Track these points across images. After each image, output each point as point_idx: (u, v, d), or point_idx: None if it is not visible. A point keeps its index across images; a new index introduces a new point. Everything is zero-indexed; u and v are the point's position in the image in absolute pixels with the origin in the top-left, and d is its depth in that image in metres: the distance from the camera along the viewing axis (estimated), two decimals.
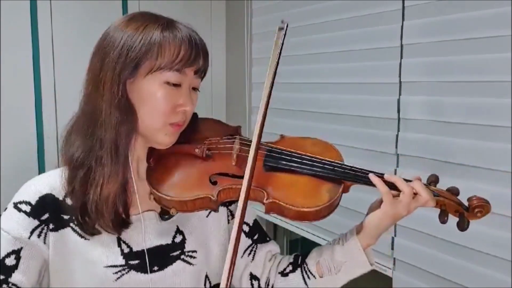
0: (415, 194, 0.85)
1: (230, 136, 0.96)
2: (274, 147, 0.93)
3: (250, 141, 0.88)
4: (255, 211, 1.10)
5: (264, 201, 0.84)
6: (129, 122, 0.86)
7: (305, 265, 0.97)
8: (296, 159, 0.90)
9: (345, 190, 0.89)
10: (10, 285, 0.82)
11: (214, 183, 0.87)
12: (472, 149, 1.32)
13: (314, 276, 0.95)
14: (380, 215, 0.87)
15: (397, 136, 1.54)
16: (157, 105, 0.85)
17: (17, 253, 0.84)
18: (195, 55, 0.87)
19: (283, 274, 1.00)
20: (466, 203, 0.88)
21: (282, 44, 0.88)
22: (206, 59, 0.91)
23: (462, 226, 0.88)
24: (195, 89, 0.92)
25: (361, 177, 0.87)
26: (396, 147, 1.53)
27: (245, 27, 2.30)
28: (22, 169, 2.00)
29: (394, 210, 0.85)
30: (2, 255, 0.83)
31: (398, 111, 1.53)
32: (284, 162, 0.89)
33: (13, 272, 0.83)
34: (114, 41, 0.85)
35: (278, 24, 0.84)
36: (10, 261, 0.83)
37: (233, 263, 0.73)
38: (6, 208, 0.88)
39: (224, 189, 0.86)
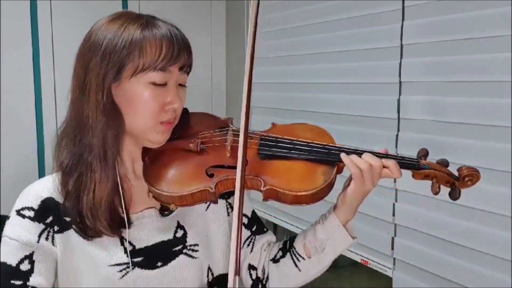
0: (371, 165, 0.88)
1: (223, 128, 0.97)
2: (267, 135, 0.94)
3: None
4: (250, 202, 1.11)
5: (262, 188, 0.86)
6: (116, 126, 0.86)
7: (293, 249, 1.00)
8: (289, 145, 0.91)
9: (340, 170, 0.91)
10: None
11: (211, 175, 0.88)
12: (472, 149, 1.32)
13: (303, 258, 0.98)
14: (351, 192, 0.90)
15: (397, 136, 1.54)
16: (145, 106, 0.85)
17: (29, 257, 0.86)
18: (178, 51, 0.86)
19: (275, 260, 1.02)
20: (456, 173, 0.91)
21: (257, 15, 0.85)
22: (190, 54, 0.90)
23: (454, 195, 0.90)
24: (182, 85, 0.91)
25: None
26: (396, 147, 1.53)
27: (245, 27, 2.31)
28: (22, 170, 2.00)
29: (362, 188, 0.89)
30: (16, 262, 0.85)
31: (398, 111, 1.53)
32: (278, 149, 0.91)
33: (30, 276, 0.85)
34: (96, 45, 0.85)
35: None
36: (24, 267, 0.85)
37: (238, 254, 0.72)
38: (8, 217, 0.90)
39: (221, 181, 0.87)
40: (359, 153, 0.90)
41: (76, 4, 2.07)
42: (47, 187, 0.90)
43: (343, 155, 0.89)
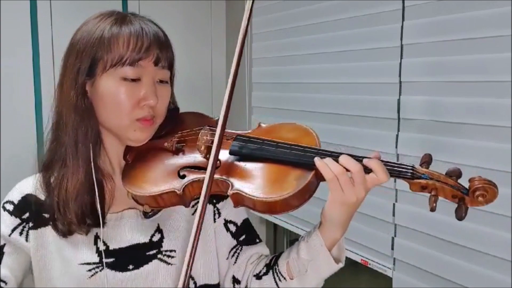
0: (346, 170, 0.76)
1: (200, 127, 0.92)
2: (242, 134, 0.89)
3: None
4: (244, 210, 1.05)
5: (228, 192, 0.80)
6: (87, 125, 0.87)
7: (276, 267, 0.93)
8: (262, 146, 0.84)
9: (321, 176, 0.79)
10: None
11: (183, 176, 0.85)
12: (472, 149, 1.32)
13: (285, 278, 0.90)
14: (329, 204, 0.81)
15: (397, 136, 1.54)
16: (119, 103, 0.85)
17: (0, 248, 0.89)
18: (147, 46, 0.85)
19: (258, 277, 0.95)
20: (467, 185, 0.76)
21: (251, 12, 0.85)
22: (164, 49, 0.88)
23: (460, 213, 0.75)
24: (162, 81, 0.90)
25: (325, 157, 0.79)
26: (396, 147, 1.53)
27: None
28: (22, 170, 2.00)
29: (340, 196, 0.77)
30: None
31: (398, 111, 1.53)
32: (249, 151, 0.84)
33: None
34: (73, 46, 0.88)
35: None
36: None
37: (192, 256, 0.73)
38: None
39: (191, 183, 0.84)
40: (336, 155, 0.78)
41: (76, 4, 2.07)
42: (31, 184, 0.93)
43: (316, 159, 0.78)
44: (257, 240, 1.02)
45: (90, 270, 0.88)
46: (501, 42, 1.23)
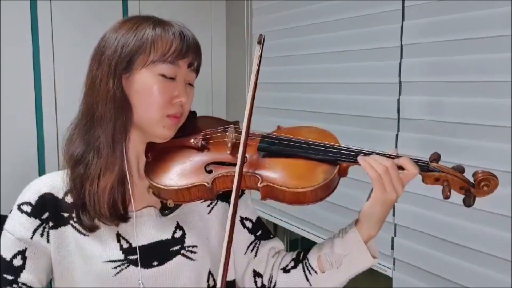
0: (387, 167, 0.82)
1: (224, 126, 0.97)
2: (268, 133, 0.94)
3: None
4: (255, 209, 1.10)
5: (258, 185, 0.84)
6: (125, 116, 0.88)
7: (306, 261, 0.96)
8: (289, 143, 0.90)
9: (343, 172, 0.88)
10: (20, 284, 0.86)
11: (209, 171, 0.89)
12: (472, 149, 1.32)
13: (315, 272, 0.94)
14: (371, 202, 0.86)
15: (397, 136, 1.54)
16: (154, 98, 0.88)
17: (22, 253, 0.88)
18: (187, 48, 0.89)
19: (285, 270, 0.99)
20: (472, 180, 0.86)
21: (261, 56, 0.90)
22: (198, 54, 0.93)
23: (468, 202, 0.85)
24: (190, 84, 0.94)
25: (352, 156, 0.87)
26: (396, 147, 1.53)
27: (245, 27, 2.31)
28: (22, 170, 2.00)
29: (382, 194, 0.84)
30: (10, 256, 0.87)
31: (398, 111, 1.53)
32: (278, 147, 0.90)
33: (21, 272, 0.87)
34: (109, 42, 0.89)
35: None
36: (17, 262, 0.88)
37: (228, 252, 0.74)
38: (11, 210, 0.92)
39: (219, 177, 0.87)
40: (365, 153, 0.86)
41: (76, 4, 2.07)
42: (48, 182, 0.92)
43: (360, 157, 0.84)
44: (271, 235, 1.06)
45: (115, 268, 0.88)
46: (501, 42, 1.23)
